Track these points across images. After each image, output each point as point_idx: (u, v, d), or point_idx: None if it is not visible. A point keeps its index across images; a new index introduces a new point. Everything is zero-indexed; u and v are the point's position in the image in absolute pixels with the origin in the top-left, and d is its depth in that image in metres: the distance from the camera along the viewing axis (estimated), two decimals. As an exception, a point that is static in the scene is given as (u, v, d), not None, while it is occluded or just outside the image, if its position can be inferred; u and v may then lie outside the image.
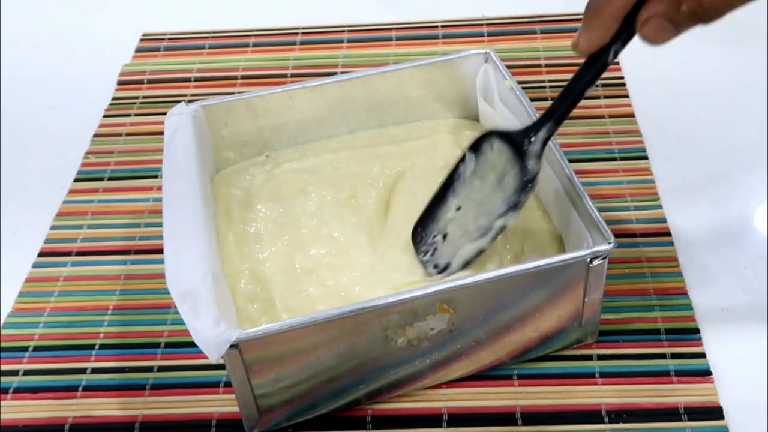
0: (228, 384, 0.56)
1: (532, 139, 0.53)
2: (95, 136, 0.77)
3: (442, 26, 0.88)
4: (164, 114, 0.62)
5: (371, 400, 0.55)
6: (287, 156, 0.66)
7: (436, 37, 0.86)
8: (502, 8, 0.89)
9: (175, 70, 0.85)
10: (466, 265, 0.55)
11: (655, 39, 0.46)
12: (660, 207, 0.67)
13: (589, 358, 0.57)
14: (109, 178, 0.73)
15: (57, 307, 0.63)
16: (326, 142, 0.66)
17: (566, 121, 0.68)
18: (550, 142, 0.53)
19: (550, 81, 0.79)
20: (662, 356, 0.57)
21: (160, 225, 0.55)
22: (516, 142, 0.53)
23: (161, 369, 0.58)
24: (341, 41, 0.87)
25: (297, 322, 0.48)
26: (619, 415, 0.54)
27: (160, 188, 0.69)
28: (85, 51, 0.89)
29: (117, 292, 0.63)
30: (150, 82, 0.83)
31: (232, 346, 0.47)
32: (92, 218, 0.69)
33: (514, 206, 0.53)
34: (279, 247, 0.59)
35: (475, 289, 0.50)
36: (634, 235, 0.65)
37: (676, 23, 0.45)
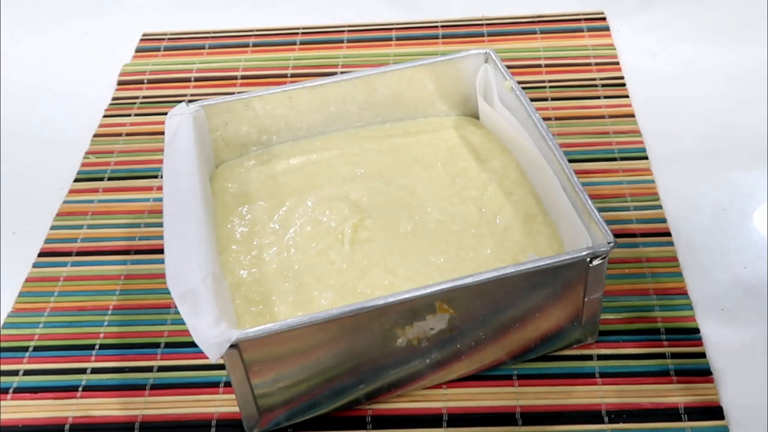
0: (228, 384, 0.56)
1: None
2: (95, 136, 0.77)
3: (442, 26, 0.88)
4: (164, 114, 0.62)
5: (371, 400, 0.55)
6: (287, 155, 0.66)
7: (436, 37, 0.86)
8: (502, 8, 0.89)
9: (175, 70, 0.85)
10: None
11: None
12: (660, 207, 0.67)
13: (589, 358, 0.57)
14: (109, 178, 0.73)
15: (57, 307, 0.63)
16: (326, 141, 0.66)
17: (566, 121, 0.68)
18: (550, 142, 0.53)
19: (550, 81, 0.79)
20: (662, 356, 0.57)
21: (160, 225, 0.55)
22: None
23: (161, 369, 0.58)
24: (341, 41, 0.87)
25: (297, 322, 0.48)
26: (619, 415, 0.54)
27: (160, 188, 0.69)
28: (85, 51, 0.89)
29: (117, 292, 0.63)
30: (150, 82, 0.83)
31: (232, 346, 0.47)
32: (92, 218, 0.69)
33: None
34: (278, 246, 0.59)
35: (475, 289, 0.50)
36: (634, 235, 0.65)
37: None
